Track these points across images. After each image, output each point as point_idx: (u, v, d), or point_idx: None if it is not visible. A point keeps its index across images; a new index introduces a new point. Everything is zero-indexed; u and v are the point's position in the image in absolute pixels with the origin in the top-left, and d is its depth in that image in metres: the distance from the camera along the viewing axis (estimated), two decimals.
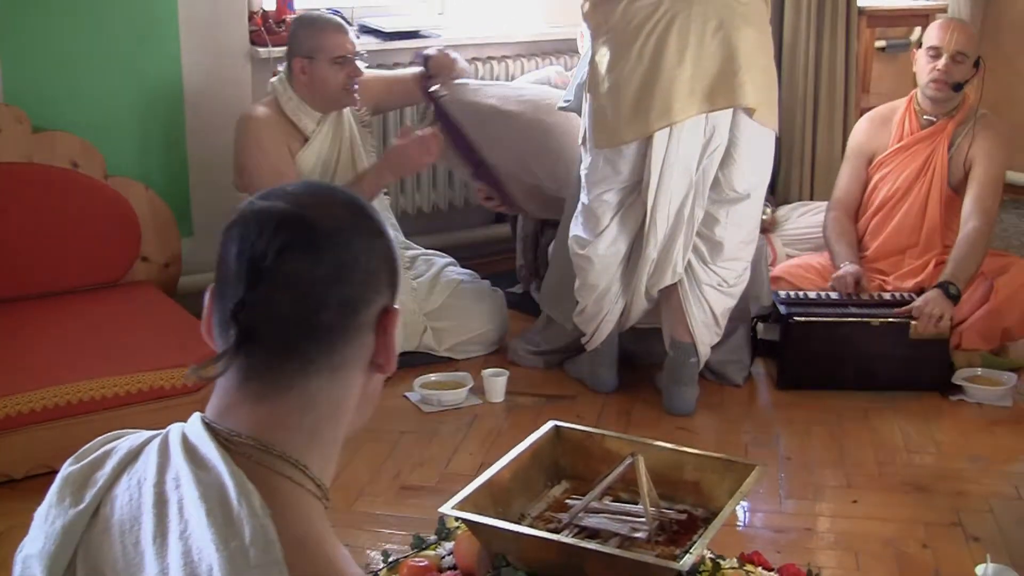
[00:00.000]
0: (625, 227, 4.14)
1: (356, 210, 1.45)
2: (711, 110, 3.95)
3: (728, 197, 4.10)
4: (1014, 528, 3.48)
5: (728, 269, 4.19)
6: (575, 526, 3.05)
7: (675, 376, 4.25)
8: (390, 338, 1.45)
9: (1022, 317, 4.59)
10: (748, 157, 4.07)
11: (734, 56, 3.93)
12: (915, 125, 4.80)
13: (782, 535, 3.42)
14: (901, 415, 4.25)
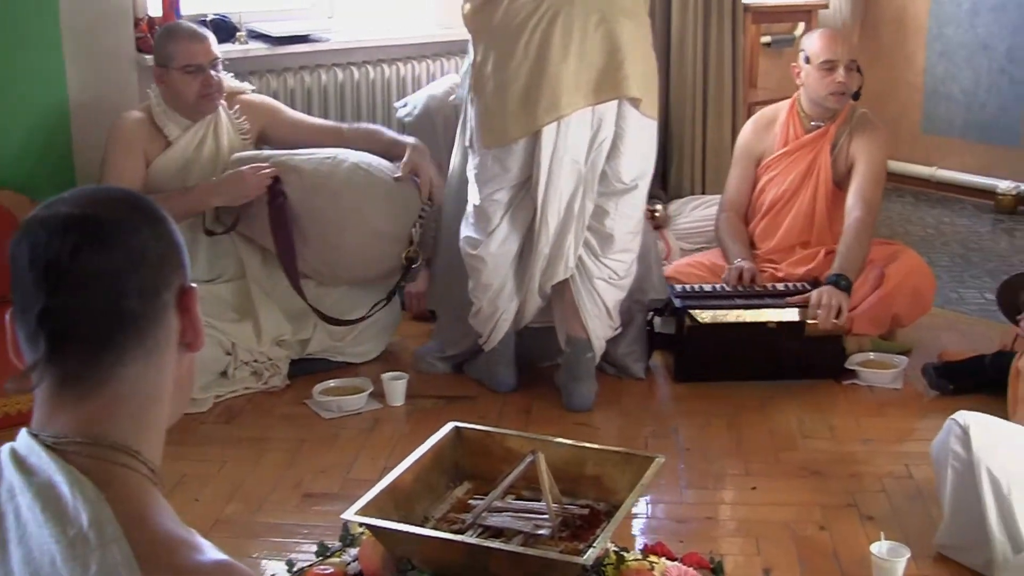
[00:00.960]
0: (516, 225, 4.17)
1: (133, 202, 1.50)
2: (598, 102, 4.00)
3: (616, 189, 4.15)
4: (906, 506, 3.56)
5: (618, 261, 4.23)
6: (479, 526, 3.07)
7: (573, 373, 4.28)
8: (193, 315, 1.51)
9: (911, 304, 4.69)
10: (634, 148, 4.12)
11: (617, 48, 3.98)
12: (799, 130, 4.89)
13: (684, 525, 3.46)
14: (796, 402, 4.32)
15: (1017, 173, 7.10)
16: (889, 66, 7.64)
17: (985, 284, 5.68)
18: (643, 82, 4.07)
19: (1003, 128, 7.20)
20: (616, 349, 4.48)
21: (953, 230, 6.75)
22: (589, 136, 4.03)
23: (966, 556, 3.19)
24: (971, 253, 6.31)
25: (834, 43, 4.77)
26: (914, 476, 3.74)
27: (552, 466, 3.11)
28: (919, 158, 7.51)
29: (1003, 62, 7.14)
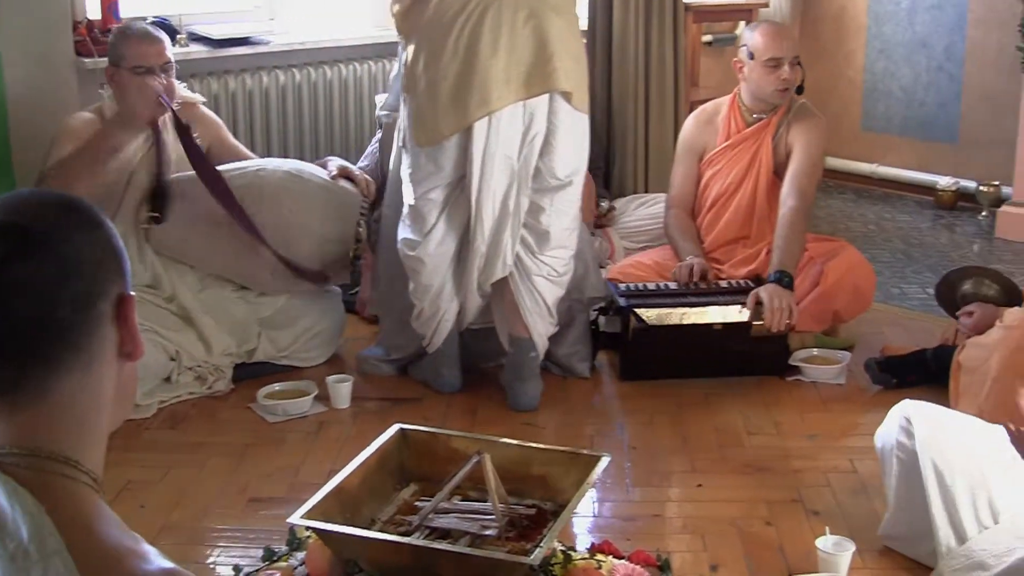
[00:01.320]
0: (452, 224, 4.17)
1: (68, 207, 1.45)
2: (528, 97, 4.01)
3: (551, 185, 4.16)
4: (850, 500, 3.59)
5: (556, 258, 4.23)
6: (426, 528, 3.07)
7: (517, 372, 4.29)
8: (131, 324, 1.47)
9: (851, 299, 4.73)
10: (567, 143, 4.13)
11: (546, 43, 4.00)
12: (741, 124, 4.91)
13: (631, 523, 3.47)
14: (741, 399, 4.34)
15: (956, 169, 7.17)
16: (829, 64, 7.70)
17: (926, 279, 5.72)
18: (573, 76, 4.08)
19: (942, 125, 7.27)
20: (560, 349, 4.49)
21: (894, 226, 6.81)
22: (521, 131, 4.04)
23: (911, 547, 3.22)
24: (912, 249, 6.37)
25: (779, 40, 4.78)
26: (858, 470, 3.77)
27: (498, 466, 3.11)
28: (859, 155, 7.57)
29: (941, 60, 7.21)
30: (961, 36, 7.11)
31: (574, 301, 4.49)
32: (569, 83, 4.05)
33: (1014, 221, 6.48)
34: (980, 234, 6.66)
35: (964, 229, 6.76)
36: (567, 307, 4.45)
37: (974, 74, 7.09)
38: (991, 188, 6.88)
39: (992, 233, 6.59)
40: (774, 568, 3.21)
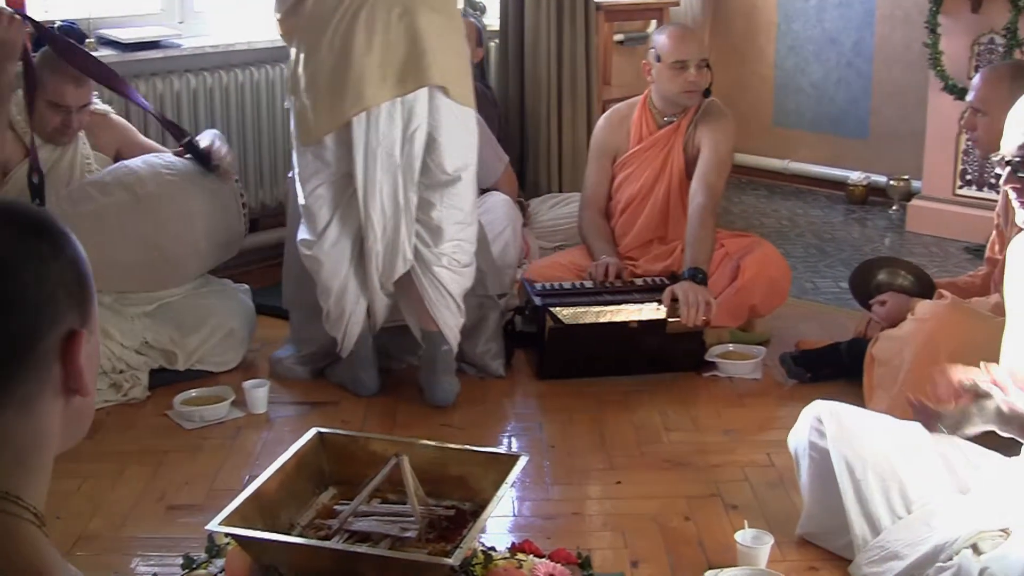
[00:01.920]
0: (347, 223, 4.18)
1: (26, 232, 1.37)
2: (403, 93, 4.03)
3: (440, 180, 4.17)
4: (768, 493, 3.63)
5: (457, 252, 4.26)
6: (345, 531, 3.06)
7: (431, 367, 4.29)
8: (76, 362, 1.38)
9: (767, 294, 4.77)
10: (452, 138, 4.15)
11: (419, 39, 4.02)
12: (652, 126, 4.93)
13: (551, 521, 3.48)
14: (659, 396, 4.37)
15: (867, 164, 7.27)
16: (740, 61, 7.77)
17: (839, 273, 5.79)
18: (450, 71, 4.11)
19: (852, 120, 7.36)
20: (474, 348, 4.50)
21: (807, 221, 6.89)
22: (400, 127, 4.06)
23: (827, 541, 3.25)
24: (825, 243, 6.44)
25: (685, 42, 4.81)
26: (775, 464, 3.80)
27: (417, 468, 3.11)
28: (771, 151, 7.65)
29: (850, 56, 7.30)
30: (869, 32, 7.21)
31: (484, 299, 4.51)
32: (445, 78, 4.07)
33: (924, 214, 6.58)
34: (891, 228, 6.75)
35: (875, 223, 6.85)
36: (478, 304, 4.47)
37: (883, 70, 7.19)
38: (901, 182, 6.98)
39: (903, 227, 6.68)
40: (694, 563, 3.23)
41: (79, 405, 1.43)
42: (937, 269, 5.75)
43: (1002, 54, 6.03)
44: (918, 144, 6.66)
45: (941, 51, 6.23)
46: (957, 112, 6.16)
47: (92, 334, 1.42)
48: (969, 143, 6.10)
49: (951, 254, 6.21)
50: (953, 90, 6.18)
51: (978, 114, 3.99)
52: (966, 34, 6.25)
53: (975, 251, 5.99)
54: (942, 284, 4.41)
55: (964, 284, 4.39)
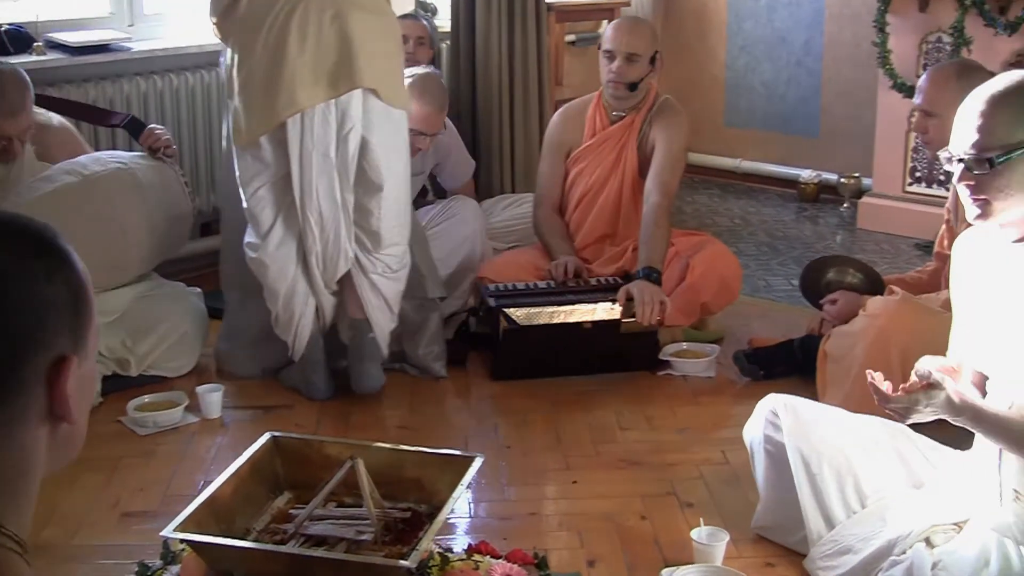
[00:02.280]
0: (292, 225, 4.19)
1: (24, 249, 1.33)
2: (336, 95, 4.04)
3: (374, 184, 4.18)
4: (723, 491, 3.64)
5: (390, 255, 4.28)
6: (301, 535, 3.05)
7: (357, 354, 4.31)
8: (61, 390, 1.33)
9: (718, 292, 4.79)
10: (385, 140, 4.17)
11: (351, 42, 4.03)
12: (605, 121, 4.94)
13: (507, 522, 3.47)
14: (613, 395, 4.37)
15: (818, 162, 7.31)
16: (691, 61, 7.80)
17: (791, 271, 5.83)
18: (381, 74, 4.12)
19: (803, 119, 7.41)
20: (416, 350, 4.53)
21: (759, 219, 6.92)
22: (334, 128, 4.07)
23: (783, 536, 3.27)
24: (777, 241, 6.48)
25: (617, 33, 4.81)
26: (730, 461, 3.82)
27: (372, 471, 3.11)
28: (723, 150, 7.68)
29: (800, 55, 7.35)
30: (819, 32, 7.25)
31: (425, 301, 4.52)
32: (375, 80, 4.09)
33: (875, 212, 6.62)
34: (842, 225, 6.79)
35: (827, 220, 6.90)
36: (418, 306, 4.50)
37: (832, 69, 7.24)
38: (852, 180, 7.03)
39: (854, 224, 6.72)
40: (651, 561, 3.24)
41: (66, 432, 1.38)
42: (888, 265, 5.80)
43: (949, 52, 6.08)
44: (868, 142, 6.71)
45: (890, 50, 6.28)
46: (906, 110, 6.22)
47: (85, 360, 1.37)
48: (919, 141, 6.14)
49: (902, 250, 6.26)
50: (902, 88, 6.23)
51: (928, 117, 4.02)
52: (914, 33, 6.31)
53: (925, 247, 6.03)
54: (892, 280, 4.44)
55: (913, 280, 4.42)
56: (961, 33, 5.99)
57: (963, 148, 2.70)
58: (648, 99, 4.90)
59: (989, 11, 5.93)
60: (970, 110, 2.71)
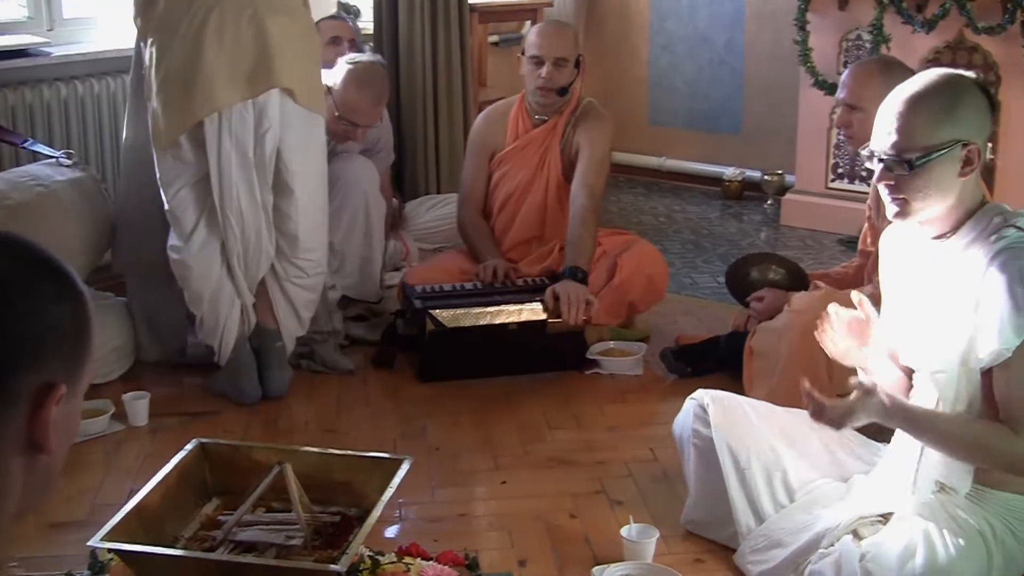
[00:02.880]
0: (214, 227, 4.19)
1: (39, 270, 1.33)
2: (253, 95, 4.06)
3: (290, 187, 4.21)
4: (652, 488, 3.66)
5: (307, 260, 4.31)
6: (230, 542, 3.04)
7: (265, 361, 4.34)
8: (43, 416, 1.30)
9: (645, 291, 4.81)
10: (301, 141, 4.20)
11: (268, 42, 4.06)
12: (528, 124, 4.94)
13: (438, 524, 3.47)
14: (541, 395, 4.38)
15: (741, 160, 7.38)
16: (615, 61, 7.84)
17: (717, 268, 5.87)
18: (298, 75, 4.14)
19: (726, 117, 7.47)
20: (325, 351, 4.58)
21: (684, 217, 6.97)
22: (252, 128, 4.09)
23: (713, 531, 3.29)
24: (702, 239, 6.52)
25: (543, 38, 4.81)
26: (659, 459, 3.84)
27: (301, 475, 3.10)
28: (647, 149, 7.72)
29: (722, 54, 7.41)
30: (740, 30, 7.32)
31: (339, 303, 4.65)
32: (292, 81, 4.10)
33: (798, 208, 6.69)
34: (766, 222, 6.86)
35: (751, 218, 6.95)
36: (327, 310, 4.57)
37: (754, 67, 7.31)
38: (775, 177, 7.09)
39: (778, 220, 6.79)
40: (581, 559, 3.25)
41: (43, 468, 1.34)
42: (812, 261, 5.86)
43: (869, 50, 6.15)
44: (790, 139, 6.78)
45: (810, 48, 6.34)
46: (827, 107, 6.29)
47: (74, 397, 1.35)
48: (841, 138, 6.21)
49: (825, 246, 6.32)
50: (823, 86, 6.29)
51: (852, 111, 4.05)
52: (834, 31, 6.38)
53: (848, 243, 6.11)
54: (816, 276, 4.49)
55: (838, 275, 4.47)
56: (880, 31, 6.06)
57: (883, 148, 2.74)
58: (571, 102, 4.90)
59: (907, 9, 6.00)
60: (890, 110, 2.74)
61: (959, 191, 2.72)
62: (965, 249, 2.74)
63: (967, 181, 2.71)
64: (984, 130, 2.72)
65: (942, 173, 2.69)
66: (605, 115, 4.95)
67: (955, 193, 2.72)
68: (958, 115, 2.68)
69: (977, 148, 2.69)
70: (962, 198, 2.73)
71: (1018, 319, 2.59)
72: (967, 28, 5.90)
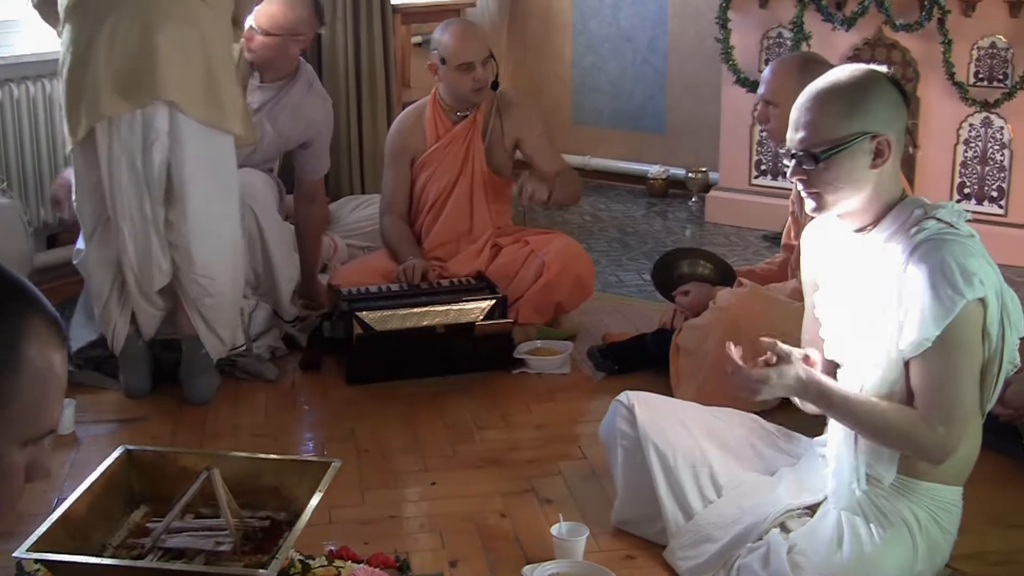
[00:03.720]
0: (110, 233, 4.21)
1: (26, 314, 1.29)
2: (136, 107, 4.05)
3: (182, 201, 4.17)
4: (581, 486, 3.67)
5: (205, 278, 4.25)
6: (159, 549, 3.01)
7: (189, 368, 4.35)
8: None
9: (572, 290, 4.82)
10: (192, 155, 4.15)
11: (155, 53, 4.03)
12: (447, 123, 4.94)
13: (368, 526, 3.46)
14: (469, 395, 4.39)
15: (665, 158, 7.42)
16: (538, 60, 7.85)
17: (643, 266, 5.90)
18: (187, 87, 4.10)
19: (650, 116, 7.51)
20: (247, 362, 4.57)
21: (609, 216, 7.00)
22: (140, 138, 4.08)
23: (642, 528, 3.31)
24: (627, 237, 6.55)
25: (468, 43, 4.80)
26: (588, 457, 3.86)
27: (229, 480, 3.07)
28: (572, 148, 7.72)
29: (646, 53, 7.44)
30: (663, 30, 7.36)
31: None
32: (177, 93, 4.07)
33: (722, 205, 6.74)
34: (691, 219, 6.90)
35: (676, 215, 6.99)
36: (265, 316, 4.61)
37: (677, 66, 7.35)
38: (699, 174, 7.14)
39: (703, 218, 6.83)
40: (512, 559, 3.25)
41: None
42: (737, 258, 5.90)
43: (790, 47, 6.21)
44: (714, 137, 6.82)
45: (732, 46, 6.39)
46: (750, 105, 6.34)
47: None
48: (763, 134, 6.27)
49: (750, 242, 6.37)
50: (745, 83, 6.34)
51: (770, 106, 4.09)
52: (756, 29, 6.43)
53: (772, 239, 6.17)
54: (742, 272, 4.52)
55: (763, 271, 4.51)
56: (801, 28, 6.12)
57: (793, 143, 2.78)
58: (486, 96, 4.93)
59: (826, 7, 6.07)
60: (799, 105, 2.79)
61: (874, 184, 2.75)
62: (886, 242, 2.77)
63: (881, 173, 2.74)
64: (895, 122, 2.75)
65: (852, 166, 2.72)
66: (525, 102, 5.08)
67: (869, 186, 2.75)
68: (865, 108, 2.72)
69: (887, 140, 2.72)
70: (879, 191, 2.77)
71: (938, 310, 2.63)
72: (886, 25, 5.98)
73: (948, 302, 2.62)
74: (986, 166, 5.93)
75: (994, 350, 2.74)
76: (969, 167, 5.97)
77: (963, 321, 2.64)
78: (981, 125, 5.91)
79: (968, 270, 2.63)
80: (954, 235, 2.70)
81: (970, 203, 5.97)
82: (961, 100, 5.85)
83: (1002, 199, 5.92)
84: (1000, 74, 5.81)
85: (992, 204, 5.94)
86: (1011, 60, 5.77)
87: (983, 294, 2.65)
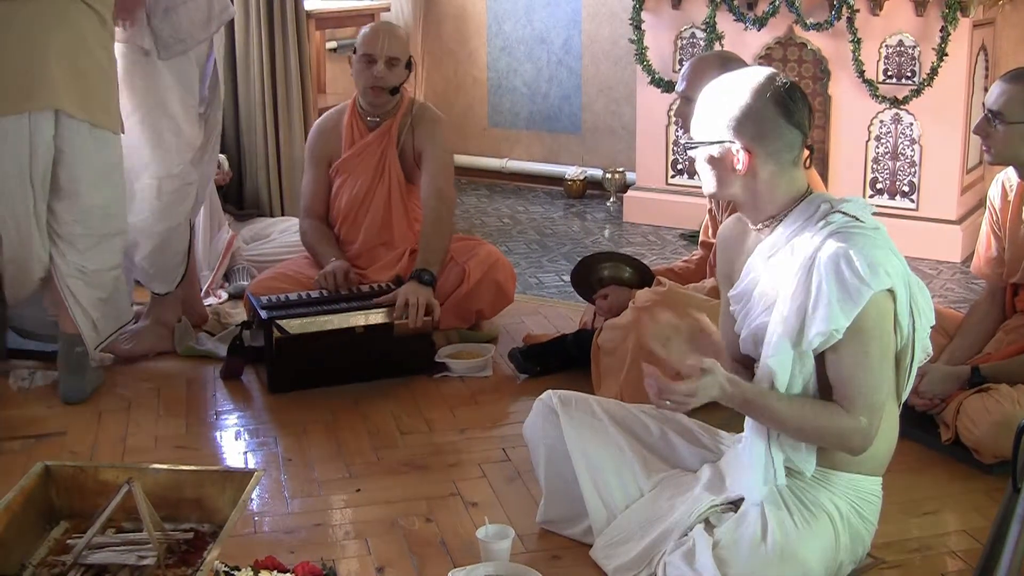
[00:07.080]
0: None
1: None
2: (23, 110, 4.07)
3: (67, 194, 4.23)
4: (506, 488, 3.68)
5: (88, 260, 4.32)
6: (81, 565, 2.98)
7: (66, 366, 4.40)
8: None
9: (494, 298, 4.83)
10: (81, 158, 4.21)
11: (47, 58, 4.05)
12: (363, 129, 4.89)
13: (293, 535, 3.44)
14: (391, 401, 4.37)
15: (582, 159, 7.46)
16: (453, 63, 7.86)
17: (562, 267, 5.92)
18: (75, 93, 4.14)
19: (566, 117, 7.54)
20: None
21: (528, 218, 7.01)
22: (27, 141, 4.10)
23: (567, 528, 3.31)
24: (546, 239, 6.57)
25: (375, 36, 4.76)
26: (511, 459, 3.86)
27: (150, 493, 3.04)
28: (489, 151, 7.76)
29: (560, 54, 7.47)
30: (577, 31, 7.39)
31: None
32: (66, 100, 4.11)
33: (639, 205, 6.78)
34: (610, 219, 6.93)
35: (594, 216, 7.03)
36: None
37: (592, 67, 7.39)
38: (616, 175, 7.18)
39: (621, 217, 6.87)
40: (438, 563, 3.25)
41: None
42: (655, 257, 5.94)
43: (703, 47, 6.26)
44: (630, 137, 6.88)
45: (646, 46, 6.43)
46: (665, 105, 6.39)
47: None
48: (679, 133, 6.32)
49: (668, 241, 6.41)
50: (659, 83, 6.39)
51: (688, 103, 4.12)
52: (669, 29, 6.48)
53: (690, 237, 6.22)
54: (660, 271, 4.55)
55: (681, 270, 4.54)
56: (713, 28, 6.18)
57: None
58: (403, 104, 4.87)
59: (738, 7, 6.13)
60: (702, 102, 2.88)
61: (743, 185, 2.81)
62: (794, 236, 2.82)
63: (755, 177, 2.80)
64: (764, 140, 2.80)
65: (714, 166, 2.84)
66: (440, 116, 4.96)
67: (737, 186, 2.84)
68: (731, 117, 2.81)
69: (744, 154, 2.79)
70: (771, 191, 2.83)
71: (846, 302, 2.67)
72: (796, 25, 6.05)
73: (855, 293, 2.67)
74: (897, 161, 6.02)
75: (906, 340, 2.80)
76: (881, 163, 6.05)
77: (872, 311, 2.69)
78: (891, 121, 6.00)
79: (874, 261, 2.68)
80: (860, 228, 2.75)
81: (882, 198, 6.06)
82: (871, 97, 5.94)
83: (913, 194, 6.00)
84: (908, 71, 5.89)
85: (904, 199, 6.03)
86: (918, 57, 5.86)
87: (889, 284, 2.70)
